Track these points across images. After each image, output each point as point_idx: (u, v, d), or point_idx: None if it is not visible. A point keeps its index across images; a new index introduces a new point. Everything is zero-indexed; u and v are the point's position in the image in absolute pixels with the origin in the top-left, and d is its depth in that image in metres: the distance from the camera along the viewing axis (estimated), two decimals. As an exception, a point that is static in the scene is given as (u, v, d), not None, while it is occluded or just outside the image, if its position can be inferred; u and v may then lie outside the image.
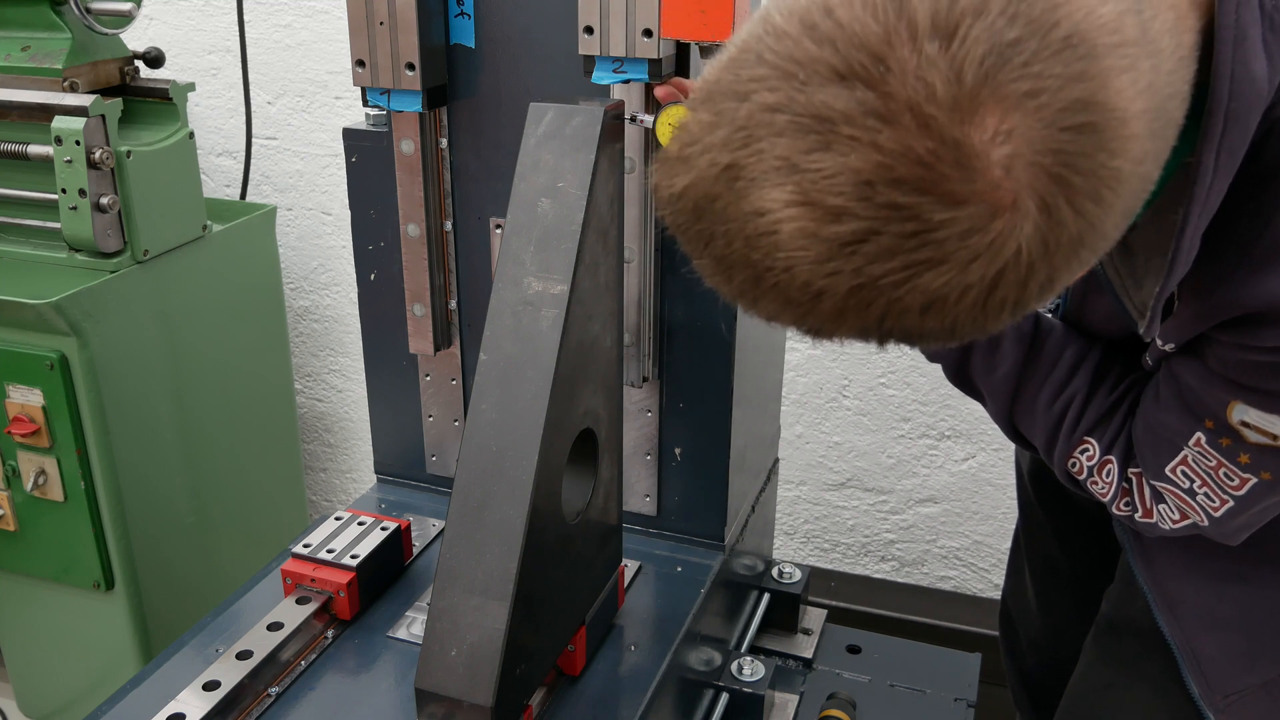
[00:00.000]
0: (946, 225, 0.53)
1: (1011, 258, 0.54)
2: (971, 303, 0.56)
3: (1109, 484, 0.97)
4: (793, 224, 0.55)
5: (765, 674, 1.25)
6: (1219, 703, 1.01)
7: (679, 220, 0.61)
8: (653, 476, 1.30)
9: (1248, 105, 0.69)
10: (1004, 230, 0.54)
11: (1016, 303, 0.57)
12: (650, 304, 1.20)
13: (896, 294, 0.55)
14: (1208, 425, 0.85)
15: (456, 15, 1.17)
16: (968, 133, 0.52)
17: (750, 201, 0.56)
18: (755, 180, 0.56)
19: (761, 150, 0.55)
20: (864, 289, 0.56)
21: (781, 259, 0.56)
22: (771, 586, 1.48)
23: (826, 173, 0.54)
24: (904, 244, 0.54)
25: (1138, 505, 0.96)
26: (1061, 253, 0.56)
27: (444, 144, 1.22)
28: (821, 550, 2.32)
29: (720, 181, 0.57)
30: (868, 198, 0.53)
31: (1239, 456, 0.84)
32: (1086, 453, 0.98)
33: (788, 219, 0.55)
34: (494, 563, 0.85)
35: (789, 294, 0.58)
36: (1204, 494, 0.88)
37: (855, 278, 0.55)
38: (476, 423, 0.87)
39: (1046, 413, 1.00)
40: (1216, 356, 0.82)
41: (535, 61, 1.16)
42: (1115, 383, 0.98)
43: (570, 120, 0.92)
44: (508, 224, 0.91)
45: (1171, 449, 0.89)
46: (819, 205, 0.54)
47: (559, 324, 0.87)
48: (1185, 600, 1.02)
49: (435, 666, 0.85)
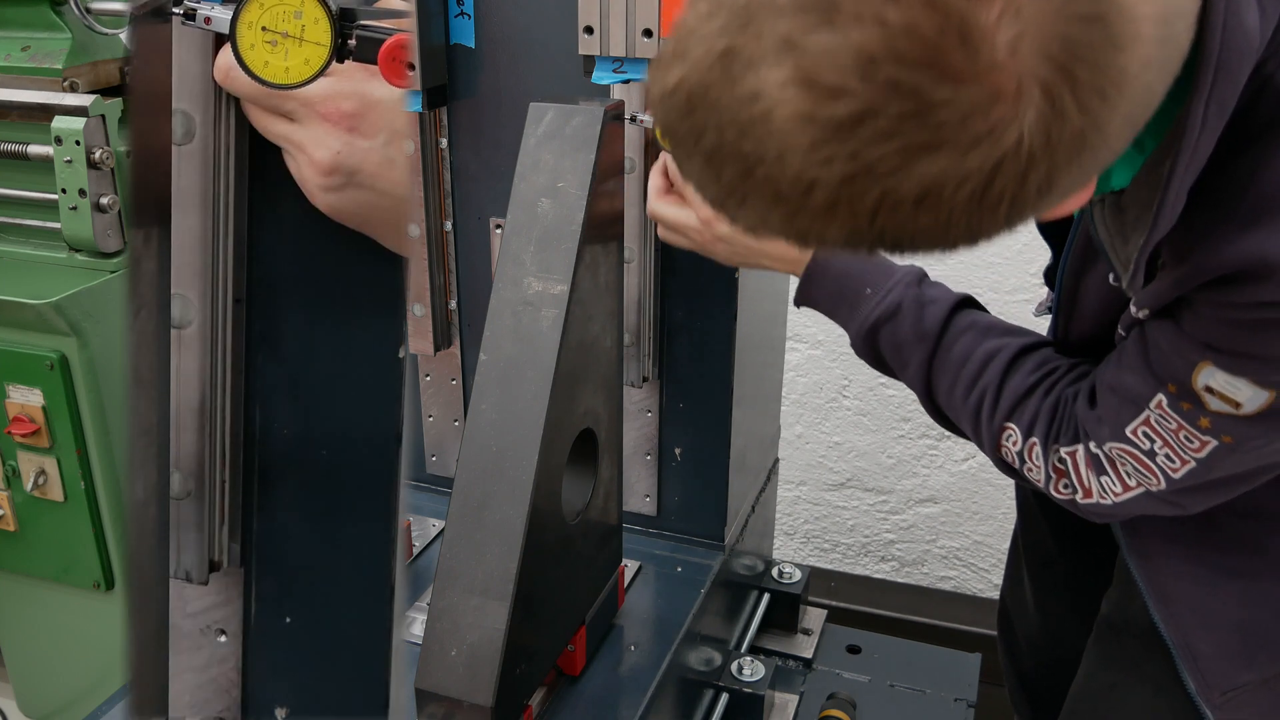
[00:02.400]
0: (947, 106, 0.52)
1: (1012, 147, 0.53)
2: (968, 195, 0.55)
3: (1039, 466, 0.96)
4: (788, 106, 0.54)
5: (765, 674, 1.25)
6: (1216, 700, 1.01)
7: (670, 118, 0.59)
8: (653, 476, 1.30)
9: (1239, 56, 0.68)
10: (1005, 117, 0.53)
11: (1014, 200, 0.56)
12: (650, 304, 1.20)
13: (892, 182, 0.54)
14: (1170, 389, 0.84)
15: (456, 15, 1.17)
16: (974, 9, 0.51)
17: (745, 85, 0.55)
18: (752, 62, 0.54)
19: (760, 32, 0.54)
20: (858, 178, 0.54)
21: (774, 146, 0.55)
22: (771, 586, 1.48)
23: (827, 49, 0.52)
24: (902, 125, 0.53)
25: (1076, 486, 0.95)
26: (1063, 149, 0.55)
27: (444, 144, 1.22)
28: (821, 550, 2.32)
29: (715, 69, 0.56)
30: (868, 76, 0.52)
31: (1199, 420, 0.83)
32: (1011, 438, 0.97)
33: (783, 101, 0.54)
34: (494, 563, 0.85)
35: (780, 187, 0.56)
36: (1164, 455, 0.87)
37: (850, 164, 0.54)
38: (476, 423, 0.88)
39: (964, 404, 1.00)
40: (1193, 317, 0.81)
41: (535, 61, 1.16)
42: (1033, 368, 0.98)
43: (570, 120, 0.92)
44: (508, 224, 0.91)
45: (1134, 409, 0.88)
46: (817, 84, 0.53)
47: (559, 324, 0.87)
48: (1180, 597, 1.02)
49: (435, 666, 0.85)
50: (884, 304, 1.02)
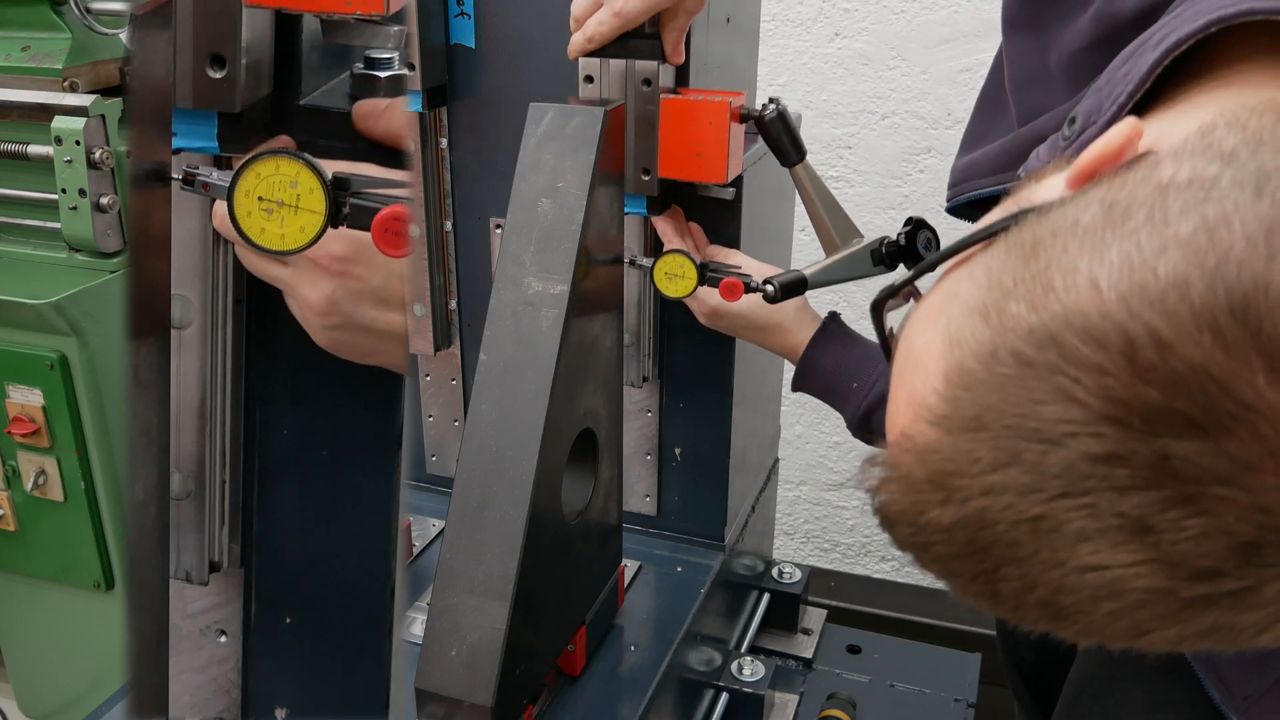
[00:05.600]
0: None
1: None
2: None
3: None
4: (1142, 580, 0.46)
5: (765, 674, 1.25)
6: (1240, 704, 1.01)
7: (939, 550, 0.52)
8: (653, 476, 1.30)
9: None
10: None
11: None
12: (650, 304, 1.20)
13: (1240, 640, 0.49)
14: None
15: (456, 15, 1.17)
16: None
17: (1077, 556, 0.47)
18: (1085, 535, 0.46)
19: (1092, 505, 0.46)
20: (1211, 634, 0.48)
21: (1107, 607, 0.48)
22: (771, 586, 1.48)
23: (1193, 534, 0.45)
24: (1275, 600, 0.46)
25: None
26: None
27: (444, 144, 1.22)
28: (821, 550, 2.32)
29: (1023, 529, 0.48)
30: (1250, 559, 0.45)
31: None
32: None
33: (1135, 576, 0.46)
34: (494, 563, 0.85)
35: (1102, 630, 0.50)
36: None
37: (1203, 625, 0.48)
38: (476, 423, 0.87)
39: None
40: None
41: (535, 61, 1.16)
42: None
43: (570, 120, 0.92)
44: (508, 224, 0.91)
45: None
46: (1184, 566, 0.45)
47: (559, 324, 0.87)
48: None
49: (435, 666, 0.85)
50: (871, 395, 1.06)
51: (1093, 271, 0.46)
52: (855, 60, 2.04)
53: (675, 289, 1.09)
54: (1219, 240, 0.43)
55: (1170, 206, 0.45)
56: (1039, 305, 0.47)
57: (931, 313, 0.54)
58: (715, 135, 1.05)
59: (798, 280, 1.04)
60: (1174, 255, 0.44)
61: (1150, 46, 0.59)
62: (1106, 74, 0.64)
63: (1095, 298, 0.45)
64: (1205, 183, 0.46)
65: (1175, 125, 0.53)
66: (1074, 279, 0.46)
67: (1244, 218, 0.44)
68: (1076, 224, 0.48)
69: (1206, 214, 0.44)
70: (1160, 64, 0.57)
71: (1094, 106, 0.62)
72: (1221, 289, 0.43)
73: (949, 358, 0.50)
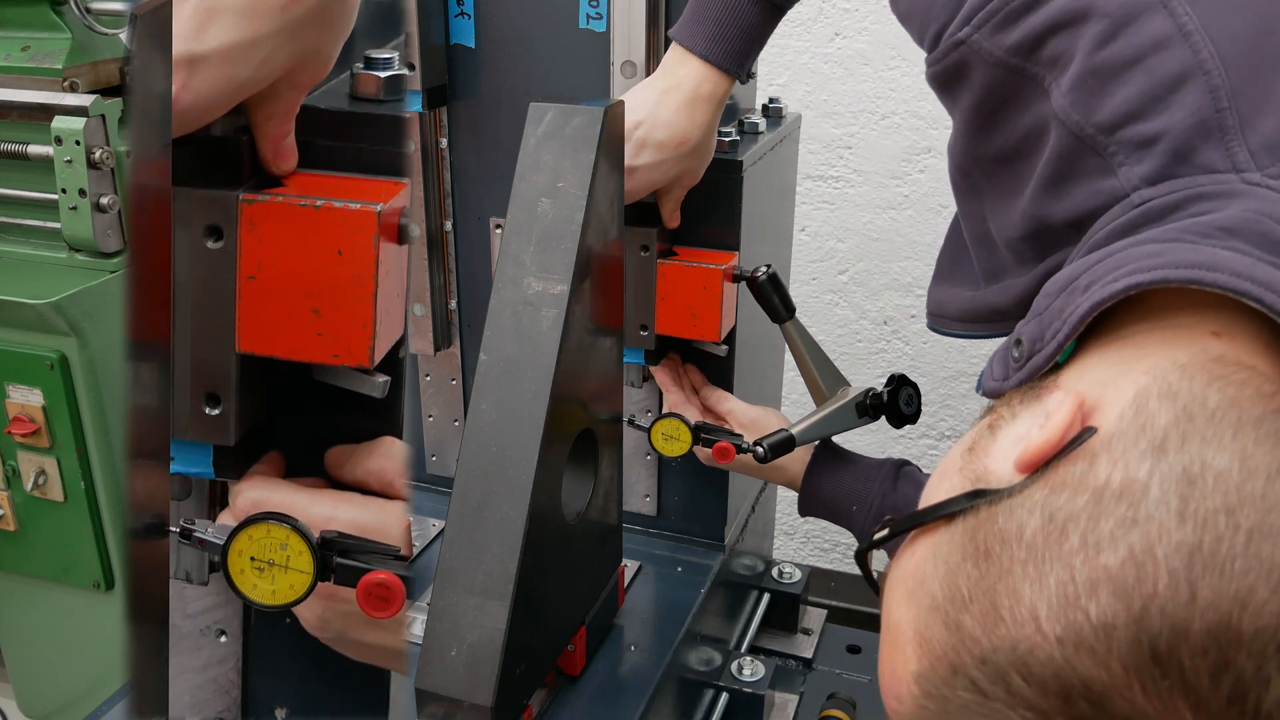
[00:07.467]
0: None
1: None
2: None
3: None
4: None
5: (765, 674, 1.25)
6: None
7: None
8: (653, 476, 1.30)
9: None
10: None
11: None
12: (650, 304, 1.20)
13: None
14: None
15: (456, 15, 1.17)
16: None
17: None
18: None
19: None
20: None
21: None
22: (771, 586, 1.48)
23: None
24: None
25: None
26: None
27: (444, 144, 1.22)
28: (821, 550, 2.33)
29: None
30: None
31: None
32: None
33: None
34: (494, 563, 0.85)
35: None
36: None
37: None
38: (476, 423, 0.87)
39: None
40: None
41: (535, 61, 1.16)
42: None
43: (570, 120, 0.92)
44: (508, 224, 0.91)
45: None
46: None
47: (559, 324, 0.87)
48: None
49: (435, 666, 0.85)
50: (871, 516, 1.11)
51: (1034, 604, 0.49)
52: (855, 60, 2.04)
53: (671, 449, 1.16)
54: (1144, 577, 0.46)
55: (1102, 530, 0.48)
56: (990, 630, 0.50)
57: (905, 585, 0.57)
58: (709, 298, 1.13)
59: (786, 440, 1.11)
60: (1104, 594, 0.47)
61: (1079, 290, 0.62)
62: (1044, 298, 0.67)
63: (1037, 636, 0.48)
64: (1135, 493, 0.48)
65: (1114, 388, 0.55)
66: (1019, 609, 0.49)
67: (1166, 548, 0.46)
68: (1021, 536, 0.51)
69: (1133, 543, 0.47)
70: (1088, 317, 0.60)
71: (1036, 334, 0.65)
72: (1146, 639, 0.45)
73: (920, 659, 0.54)
